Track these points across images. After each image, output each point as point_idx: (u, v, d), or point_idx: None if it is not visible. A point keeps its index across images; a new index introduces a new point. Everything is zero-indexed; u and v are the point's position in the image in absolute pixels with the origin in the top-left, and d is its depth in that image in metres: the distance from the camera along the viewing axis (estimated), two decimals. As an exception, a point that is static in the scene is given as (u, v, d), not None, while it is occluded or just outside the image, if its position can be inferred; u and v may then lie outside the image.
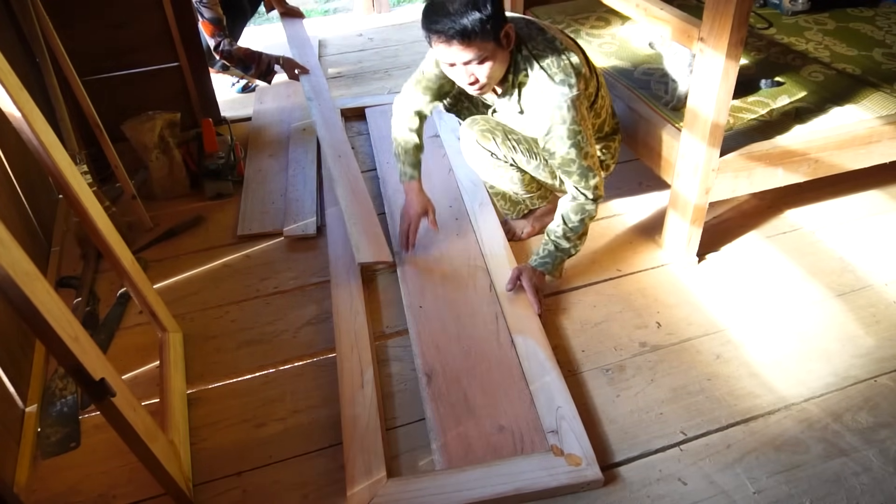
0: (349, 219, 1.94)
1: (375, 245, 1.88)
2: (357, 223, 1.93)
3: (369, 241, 1.88)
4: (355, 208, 1.99)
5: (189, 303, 1.85)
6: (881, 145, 1.86)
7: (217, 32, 2.53)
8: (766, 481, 1.36)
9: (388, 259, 1.86)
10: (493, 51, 1.51)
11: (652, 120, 1.91)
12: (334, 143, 2.28)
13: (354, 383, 1.53)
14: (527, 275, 1.75)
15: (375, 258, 1.85)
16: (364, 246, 1.86)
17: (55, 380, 1.61)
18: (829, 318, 1.74)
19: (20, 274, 0.95)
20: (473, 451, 1.40)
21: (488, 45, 1.50)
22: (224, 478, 1.41)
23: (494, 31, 1.49)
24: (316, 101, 2.50)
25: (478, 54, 1.50)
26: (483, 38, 1.47)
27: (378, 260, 1.85)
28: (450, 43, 1.48)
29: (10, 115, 1.26)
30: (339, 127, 2.40)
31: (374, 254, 1.85)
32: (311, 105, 2.48)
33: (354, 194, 2.05)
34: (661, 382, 1.58)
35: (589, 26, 2.46)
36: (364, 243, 1.87)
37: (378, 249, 1.87)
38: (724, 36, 1.50)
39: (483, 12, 1.45)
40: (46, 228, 2.02)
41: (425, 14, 1.50)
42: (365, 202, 2.04)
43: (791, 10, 2.45)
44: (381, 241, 1.90)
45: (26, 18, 1.92)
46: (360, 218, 1.95)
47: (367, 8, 3.84)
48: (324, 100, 2.53)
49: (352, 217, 1.95)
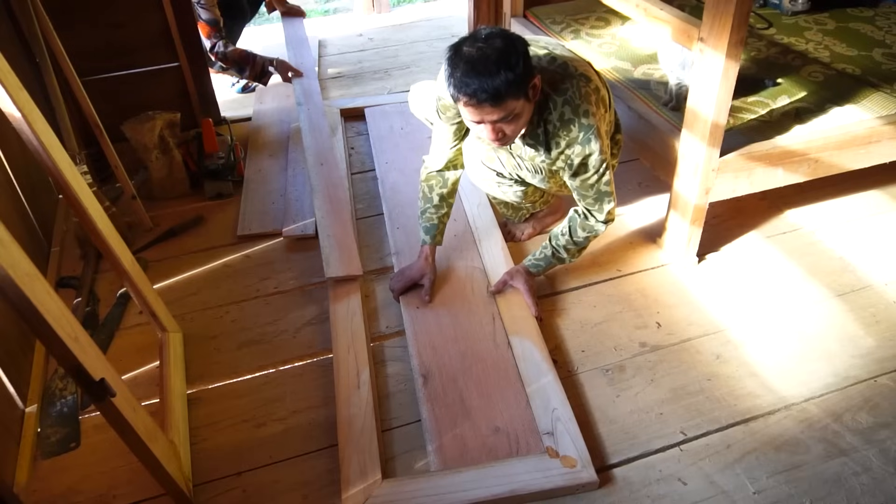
0: (322, 231, 1.94)
1: (346, 259, 1.85)
2: (329, 236, 1.92)
3: (340, 255, 1.86)
4: (329, 220, 1.98)
5: (189, 303, 1.85)
6: (881, 145, 1.86)
7: (213, 34, 2.53)
8: (766, 481, 1.36)
9: (357, 273, 1.82)
10: (522, 107, 1.41)
11: (652, 120, 1.91)
12: (318, 150, 2.26)
13: (350, 384, 1.53)
14: (522, 278, 1.75)
15: (345, 272, 1.81)
16: (334, 260, 1.84)
17: (55, 380, 1.61)
18: (829, 318, 1.74)
19: (20, 274, 0.95)
20: (469, 453, 1.40)
21: (518, 103, 1.39)
22: (224, 478, 1.41)
23: (524, 88, 1.38)
24: (305, 106, 2.47)
25: (508, 113, 1.39)
26: (513, 98, 1.37)
27: (348, 274, 1.81)
28: (480, 106, 1.37)
29: (10, 115, 1.26)
30: (325, 133, 2.35)
31: (343, 268, 1.82)
32: (300, 110, 2.45)
33: (332, 204, 2.03)
34: (661, 382, 1.58)
35: (589, 26, 2.46)
36: (335, 257, 1.85)
37: (348, 263, 1.84)
38: (724, 36, 1.50)
39: (515, 71, 1.34)
40: (46, 228, 2.02)
41: (451, 72, 1.37)
42: (342, 213, 2.01)
43: (791, 10, 2.45)
44: (352, 255, 1.87)
45: (26, 18, 1.92)
46: (333, 230, 1.94)
47: (367, 8, 3.84)
48: (314, 104, 2.50)
49: (325, 229, 1.94)
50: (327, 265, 1.82)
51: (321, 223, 1.96)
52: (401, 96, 2.73)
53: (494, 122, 1.41)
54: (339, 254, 1.86)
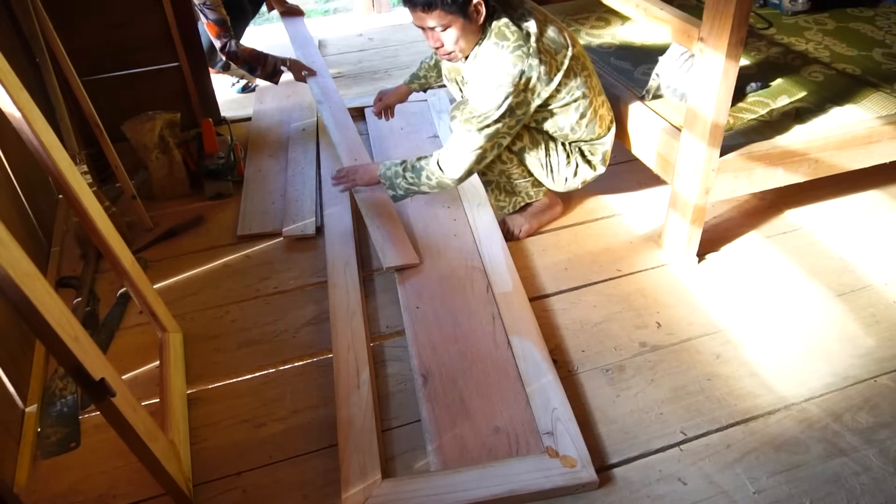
0: (371, 223, 1.94)
1: (402, 248, 1.87)
2: (379, 227, 1.93)
3: (395, 245, 1.87)
4: (375, 211, 1.98)
5: (189, 303, 1.85)
6: (881, 145, 1.86)
7: (222, 34, 2.51)
8: (766, 481, 1.36)
9: (414, 261, 1.85)
10: (455, 21, 1.59)
11: (652, 120, 1.90)
12: (350, 146, 2.22)
13: (350, 384, 1.53)
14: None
15: (403, 261, 1.84)
16: (389, 250, 1.86)
17: (55, 380, 1.61)
18: (829, 318, 1.74)
19: (20, 274, 0.95)
20: (469, 453, 1.40)
21: (450, 16, 1.57)
22: (224, 478, 1.41)
23: (459, 3, 1.55)
24: (326, 104, 2.42)
25: (439, 22, 1.58)
26: (446, 9, 1.56)
27: (406, 263, 1.84)
28: (415, 10, 1.58)
29: (10, 115, 1.26)
30: (352, 128, 2.33)
31: (401, 257, 1.85)
32: (320, 108, 2.41)
33: (375, 199, 2.02)
34: (660, 382, 1.58)
35: (589, 26, 2.45)
36: (389, 247, 1.86)
37: (404, 252, 1.86)
38: (724, 36, 1.50)
39: None
40: (46, 228, 2.02)
41: None
42: (386, 204, 2.01)
43: (791, 10, 2.45)
44: (406, 244, 1.89)
45: (26, 18, 1.92)
46: (382, 221, 1.95)
47: (367, 8, 3.84)
48: (334, 102, 2.45)
49: (374, 221, 1.94)
50: (383, 255, 1.84)
51: (367, 215, 1.97)
52: (401, 96, 2.73)
53: (431, 28, 1.61)
54: (394, 244, 1.88)
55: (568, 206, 2.15)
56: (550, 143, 1.84)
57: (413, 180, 1.81)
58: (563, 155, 1.87)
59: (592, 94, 1.79)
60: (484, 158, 1.73)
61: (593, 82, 1.80)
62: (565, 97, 1.73)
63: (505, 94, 1.59)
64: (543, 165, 1.86)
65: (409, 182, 1.82)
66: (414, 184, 1.82)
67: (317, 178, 2.30)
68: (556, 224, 2.10)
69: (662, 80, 1.90)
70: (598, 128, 1.85)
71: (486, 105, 1.62)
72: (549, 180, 1.92)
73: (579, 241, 2.03)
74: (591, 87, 1.78)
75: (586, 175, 1.92)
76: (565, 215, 2.13)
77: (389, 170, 1.85)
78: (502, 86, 1.59)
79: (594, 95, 1.80)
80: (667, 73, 1.87)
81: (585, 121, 1.80)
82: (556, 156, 1.86)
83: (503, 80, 1.59)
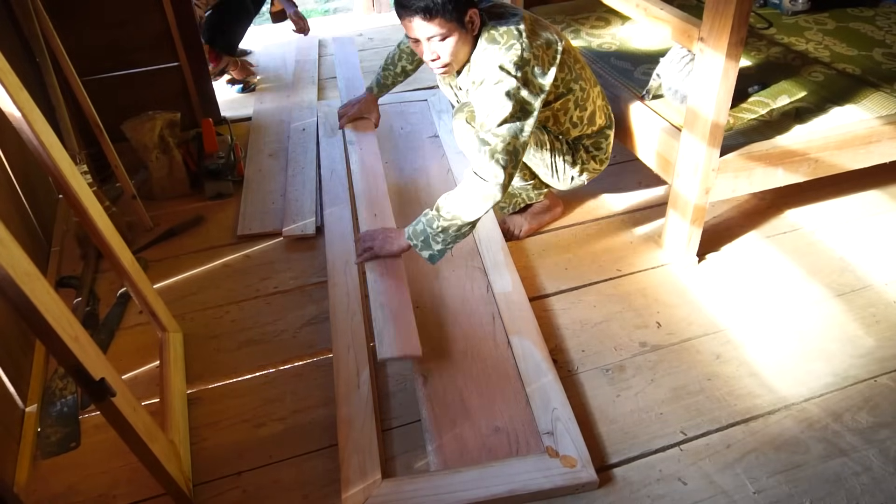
0: (374, 299, 1.59)
1: (403, 336, 1.51)
2: (383, 306, 1.57)
3: (396, 331, 1.51)
4: (383, 286, 1.63)
5: (189, 303, 1.85)
6: (881, 145, 1.86)
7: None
8: (766, 481, 1.36)
9: (415, 353, 1.49)
10: (454, 31, 1.59)
11: (652, 120, 1.90)
12: (371, 198, 1.91)
13: (350, 384, 1.53)
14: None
15: (402, 352, 1.47)
16: (388, 337, 1.50)
17: (55, 380, 1.61)
18: (829, 318, 1.74)
19: (20, 274, 0.95)
20: (469, 453, 1.40)
21: (450, 25, 1.57)
22: (224, 478, 1.41)
23: (457, 13, 1.56)
24: (357, 146, 2.11)
25: (438, 31, 1.57)
26: (445, 17, 1.55)
27: (405, 354, 1.48)
28: (412, 18, 1.57)
29: (10, 115, 1.26)
30: (381, 176, 2.00)
31: (400, 346, 1.48)
32: (351, 150, 2.11)
33: (386, 266, 1.68)
34: (661, 382, 1.58)
35: (589, 26, 2.45)
36: (388, 332, 1.51)
37: (405, 341, 1.49)
38: (724, 36, 1.50)
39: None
40: (46, 228, 2.02)
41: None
42: (397, 276, 1.66)
43: (791, 10, 2.45)
44: (409, 331, 1.52)
45: (26, 18, 1.92)
46: (387, 298, 1.58)
47: (367, 8, 3.84)
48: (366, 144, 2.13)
49: (377, 297, 1.59)
50: (380, 343, 1.49)
51: (373, 289, 1.62)
52: (401, 96, 2.73)
53: (429, 38, 1.60)
54: (395, 330, 1.52)
55: (568, 206, 2.15)
56: (556, 143, 1.83)
57: (449, 217, 1.57)
58: (569, 154, 1.86)
59: (588, 85, 1.79)
60: (518, 154, 1.58)
61: (587, 74, 1.81)
62: (563, 91, 1.73)
63: (507, 89, 1.57)
64: (548, 166, 1.86)
65: (446, 221, 1.57)
66: (453, 220, 1.57)
67: (317, 178, 2.30)
68: (556, 224, 2.10)
69: (664, 82, 1.90)
70: (598, 118, 1.85)
71: (494, 104, 1.58)
72: (553, 180, 1.91)
73: (579, 241, 2.03)
74: (586, 78, 1.79)
75: (591, 172, 1.92)
76: (565, 215, 2.13)
77: (418, 225, 1.61)
78: (501, 81, 1.57)
79: (590, 87, 1.80)
80: (668, 75, 1.87)
81: (587, 113, 1.80)
82: (561, 155, 1.85)
83: (501, 76, 1.57)
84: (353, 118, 2.20)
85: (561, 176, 1.89)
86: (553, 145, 1.83)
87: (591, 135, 1.87)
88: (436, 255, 1.62)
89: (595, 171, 1.93)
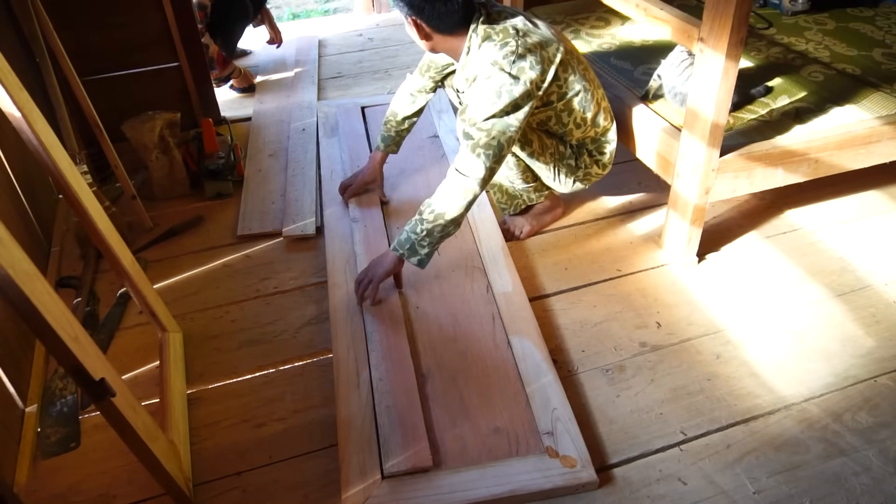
0: (379, 400, 1.49)
1: (411, 444, 1.39)
2: (391, 407, 1.47)
3: (404, 438, 1.40)
4: (390, 384, 1.52)
5: (189, 303, 1.85)
6: (881, 145, 1.86)
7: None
8: (766, 481, 1.36)
9: (427, 464, 1.35)
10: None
11: (652, 120, 1.90)
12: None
13: (350, 384, 1.53)
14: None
15: (411, 464, 1.35)
16: (395, 445, 1.38)
17: (55, 380, 1.61)
18: (829, 318, 1.74)
19: (20, 274, 0.95)
20: (469, 453, 1.40)
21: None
22: (224, 478, 1.41)
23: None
24: (362, 223, 2.03)
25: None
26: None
27: (414, 467, 1.35)
28: None
29: (10, 115, 1.26)
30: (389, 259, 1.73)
31: (408, 459, 1.36)
32: (354, 228, 2.01)
33: (392, 360, 1.58)
34: (661, 382, 1.58)
35: (589, 26, 2.45)
36: (396, 441, 1.39)
37: (415, 452, 1.37)
38: (724, 36, 1.50)
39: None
40: (46, 228, 2.02)
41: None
42: (405, 373, 1.55)
43: (791, 10, 2.45)
44: (418, 437, 1.40)
45: (26, 18, 1.92)
46: (395, 400, 1.48)
47: (367, 8, 3.84)
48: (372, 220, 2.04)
49: (383, 398, 1.49)
50: (385, 452, 1.37)
51: (378, 387, 1.51)
52: (401, 96, 2.73)
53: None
54: (402, 437, 1.40)
55: (568, 206, 2.15)
56: (560, 146, 1.83)
57: (432, 218, 1.59)
58: (572, 157, 1.86)
59: (592, 86, 1.78)
60: (501, 150, 1.57)
61: (591, 75, 1.80)
62: (566, 92, 1.72)
63: (498, 85, 1.56)
64: (551, 169, 1.85)
65: (429, 223, 1.59)
66: (436, 220, 1.58)
67: (317, 178, 2.30)
68: (556, 224, 2.10)
69: (665, 83, 1.90)
70: (603, 120, 1.84)
71: (484, 99, 1.57)
72: (556, 183, 1.90)
73: (579, 241, 2.03)
74: (590, 79, 1.78)
75: (594, 176, 1.92)
76: (566, 216, 2.13)
77: (402, 235, 1.64)
78: (493, 77, 1.56)
79: (594, 88, 1.79)
80: (669, 77, 1.87)
81: (590, 115, 1.79)
82: (565, 159, 1.85)
83: (493, 71, 1.57)
84: (355, 193, 2.09)
85: (563, 179, 1.88)
86: (557, 148, 1.83)
87: (594, 137, 1.87)
88: (424, 259, 1.65)
89: (598, 176, 1.93)
